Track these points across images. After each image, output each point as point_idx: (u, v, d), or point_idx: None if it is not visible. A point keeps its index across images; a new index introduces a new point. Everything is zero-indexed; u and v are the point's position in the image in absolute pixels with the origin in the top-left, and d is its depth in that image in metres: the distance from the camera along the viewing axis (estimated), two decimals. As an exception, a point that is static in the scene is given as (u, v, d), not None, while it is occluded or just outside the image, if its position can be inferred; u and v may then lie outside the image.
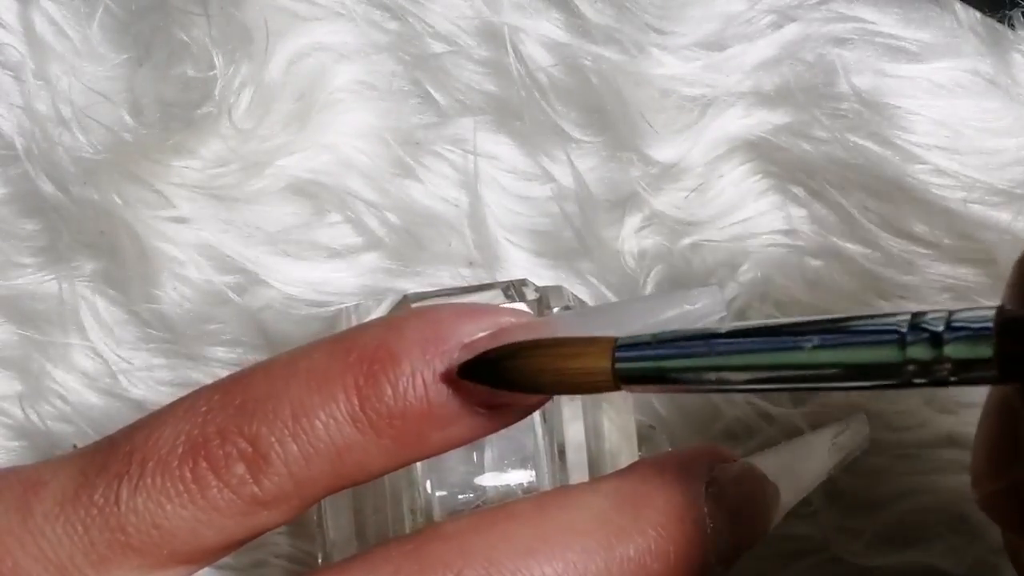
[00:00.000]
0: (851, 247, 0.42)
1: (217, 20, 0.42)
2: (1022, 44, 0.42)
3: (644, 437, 0.41)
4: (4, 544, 0.27)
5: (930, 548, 0.42)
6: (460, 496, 0.33)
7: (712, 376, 0.26)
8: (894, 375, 0.24)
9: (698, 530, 0.28)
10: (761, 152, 0.43)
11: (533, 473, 0.34)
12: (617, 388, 0.27)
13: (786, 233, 0.43)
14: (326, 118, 0.43)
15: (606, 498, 0.28)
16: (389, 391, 0.27)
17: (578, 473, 0.34)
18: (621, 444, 0.35)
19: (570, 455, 0.34)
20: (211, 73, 0.42)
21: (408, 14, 0.43)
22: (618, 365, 0.27)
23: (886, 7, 0.42)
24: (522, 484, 0.34)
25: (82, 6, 0.44)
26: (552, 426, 0.34)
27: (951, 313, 0.24)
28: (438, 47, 0.43)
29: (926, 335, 0.24)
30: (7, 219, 0.44)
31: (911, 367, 0.24)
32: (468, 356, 0.28)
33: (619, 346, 0.27)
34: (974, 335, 0.24)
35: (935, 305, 0.42)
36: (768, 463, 0.30)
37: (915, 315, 0.25)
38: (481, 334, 0.28)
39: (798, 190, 0.43)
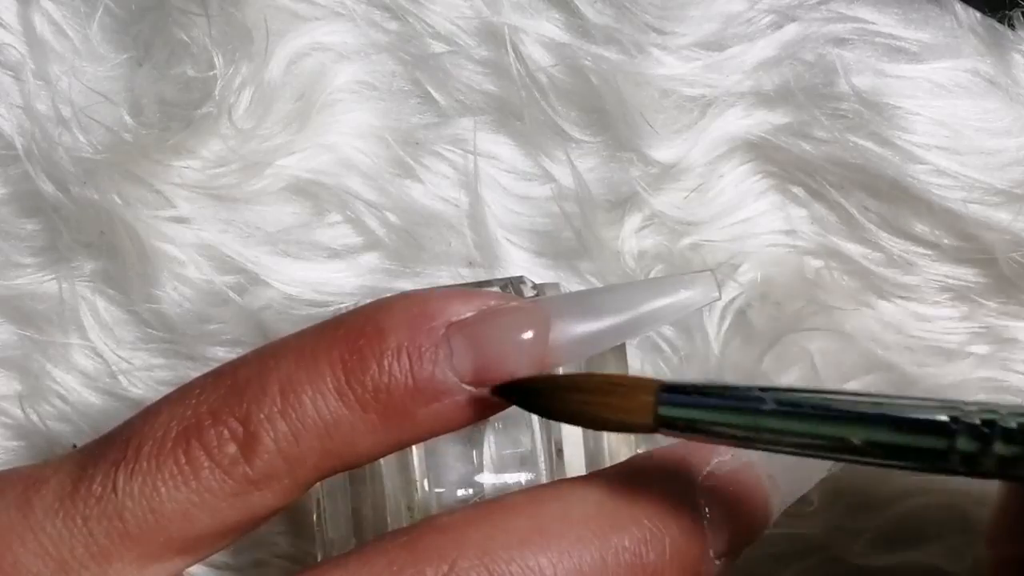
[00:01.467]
0: (851, 247, 0.42)
1: (217, 20, 0.42)
2: (1022, 44, 0.42)
3: (643, 437, 0.41)
4: (5, 541, 0.27)
5: (930, 548, 0.42)
6: (458, 493, 0.33)
7: (753, 437, 0.27)
8: (938, 462, 0.25)
9: (693, 522, 0.28)
10: (761, 152, 0.43)
11: (531, 470, 0.34)
12: (654, 432, 0.28)
13: (786, 233, 0.43)
14: (326, 118, 0.43)
15: (601, 490, 0.28)
16: (374, 365, 0.28)
17: (576, 471, 0.34)
18: (619, 443, 0.35)
19: (568, 453, 0.34)
20: (211, 73, 0.42)
21: (408, 14, 0.43)
22: (660, 411, 0.27)
23: (886, 7, 0.42)
24: (520, 482, 0.34)
25: (82, 6, 0.44)
26: (550, 424, 0.34)
27: (997, 411, 0.25)
28: (438, 47, 0.43)
29: (973, 429, 0.25)
30: (7, 219, 0.44)
31: (956, 457, 0.25)
32: (456, 333, 0.28)
33: (662, 390, 0.27)
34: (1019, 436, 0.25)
35: (936, 305, 0.42)
36: (769, 457, 0.30)
37: (962, 407, 0.26)
38: (469, 313, 0.28)
39: (798, 190, 0.43)
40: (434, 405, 0.28)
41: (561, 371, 0.30)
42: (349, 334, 0.28)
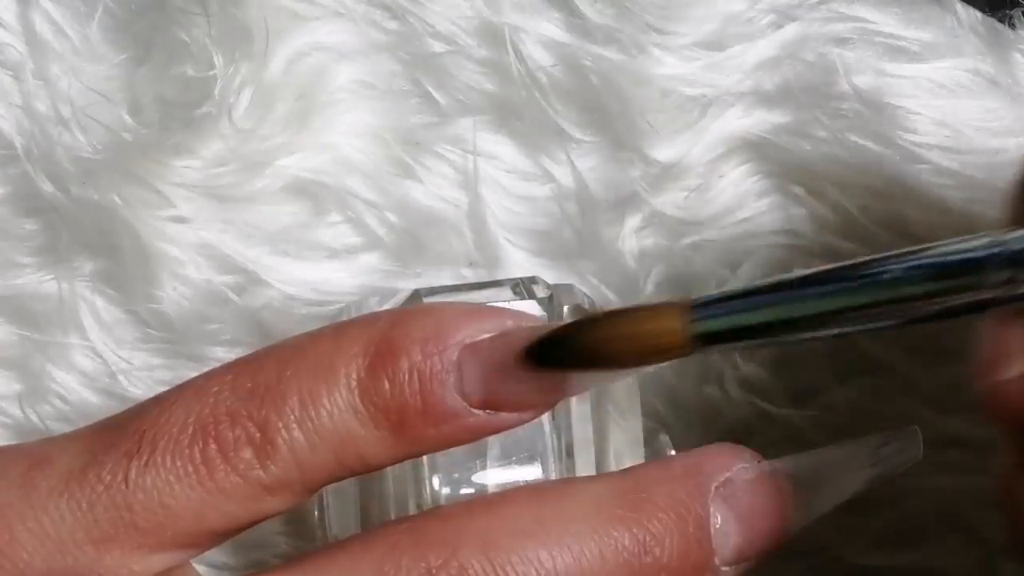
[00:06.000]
0: (851, 247, 0.42)
1: (217, 19, 0.42)
2: (1023, 44, 0.42)
3: (647, 440, 0.40)
4: (3, 518, 0.27)
5: (930, 548, 0.42)
6: (464, 492, 0.33)
7: (792, 326, 0.26)
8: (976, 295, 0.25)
9: (699, 529, 0.28)
10: (761, 152, 0.43)
11: (540, 471, 0.34)
12: (692, 351, 0.27)
13: (786, 233, 0.43)
14: (326, 118, 0.43)
15: (606, 489, 0.28)
16: (386, 385, 0.28)
17: (586, 472, 0.34)
18: (624, 446, 0.35)
19: (578, 455, 0.34)
20: (211, 73, 0.42)
21: (408, 14, 0.43)
22: (697, 327, 0.27)
23: (886, 7, 0.42)
24: (528, 481, 0.34)
25: (81, 6, 0.44)
26: (560, 425, 0.34)
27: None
28: (438, 47, 0.43)
29: (1004, 254, 0.25)
30: (7, 219, 0.43)
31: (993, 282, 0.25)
32: (468, 357, 0.28)
33: (693, 307, 0.27)
34: None
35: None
36: (798, 468, 0.30)
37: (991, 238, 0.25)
38: (484, 336, 0.28)
39: (798, 190, 0.43)
40: (442, 427, 0.28)
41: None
42: (365, 351, 0.28)
